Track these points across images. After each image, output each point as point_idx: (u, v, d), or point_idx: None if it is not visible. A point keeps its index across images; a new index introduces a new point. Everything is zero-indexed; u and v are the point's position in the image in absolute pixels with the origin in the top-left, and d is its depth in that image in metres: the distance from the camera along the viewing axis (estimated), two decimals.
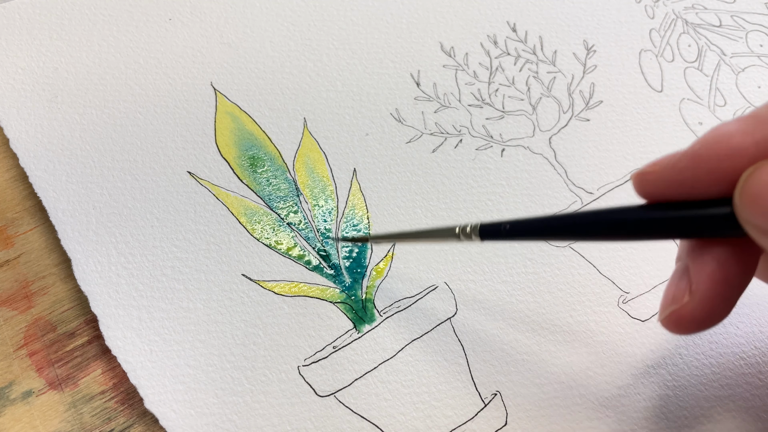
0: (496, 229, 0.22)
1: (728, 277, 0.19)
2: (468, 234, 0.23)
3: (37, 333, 0.27)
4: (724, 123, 0.18)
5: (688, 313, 0.20)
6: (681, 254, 0.21)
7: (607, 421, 0.25)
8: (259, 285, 0.28)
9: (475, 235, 0.22)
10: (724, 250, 0.19)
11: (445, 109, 0.33)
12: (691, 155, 0.18)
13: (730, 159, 0.17)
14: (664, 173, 0.19)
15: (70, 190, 0.29)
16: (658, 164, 0.19)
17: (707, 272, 0.19)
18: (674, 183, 0.19)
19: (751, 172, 0.17)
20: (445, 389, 0.26)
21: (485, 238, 0.22)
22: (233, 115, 0.32)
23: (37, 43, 0.34)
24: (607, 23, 0.37)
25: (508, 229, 0.21)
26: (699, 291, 0.19)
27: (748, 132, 0.17)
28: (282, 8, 0.36)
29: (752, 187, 0.17)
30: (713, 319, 0.20)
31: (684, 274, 0.20)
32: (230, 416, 0.25)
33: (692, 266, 0.20)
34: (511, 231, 0.21)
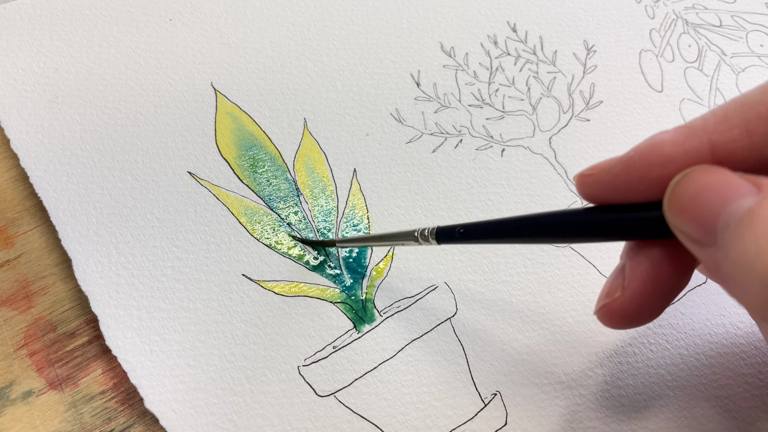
0: (450, 233, 0.23)
1: (660, 276, 0.20)
2: (426, 237, 0.24)
3: (37, 333, 0.27)
4: (661, 132, 0.19)
5: (618, 307, 0.20)
6: (622, 254, 0.22)
7: (607, 421, 0.25)
8: (259, 285, 0.28)
9: (432, 238, 0.24)
10: (659, 250, 0.20)
11: (445, 109, 0.33)
12: (625, 161, 0.19)
13: (660, 167, 0.18)
14: (600, 176, 0.20)
15: (70, 190, 0.29)
16: (596, 168, 0.20)
17: (640, 270, 0.20)
18: (610, 186, 0.20)
19: (678, 180, 0.18)
20: (445, 389, 0.26)
21: (441, 241, 0.24)
22: (233, 115, 0.32)
23: (37, 43, 0.34)
24: (607, 23, 0.37)
25: (461, 232, 0.23)
26: (630, 287, 0.20)
27: (679, 142, 0.18)
28: (282, 8, 0.36)
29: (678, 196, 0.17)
30: (643, 314, 0.21)
31: (621, 272, 0.21)
32: (230, 416, 0.25)
33: (628, 264, 0.21)
34: (464, 234, 0.23)
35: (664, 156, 0.18)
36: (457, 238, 0.23)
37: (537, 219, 0.21)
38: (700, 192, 0.17)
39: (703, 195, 0.17)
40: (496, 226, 0.22)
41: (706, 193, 0.17)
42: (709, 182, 0.17)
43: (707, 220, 0.17)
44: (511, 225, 0.22)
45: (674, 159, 0.18)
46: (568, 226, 0.21)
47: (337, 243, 0.28)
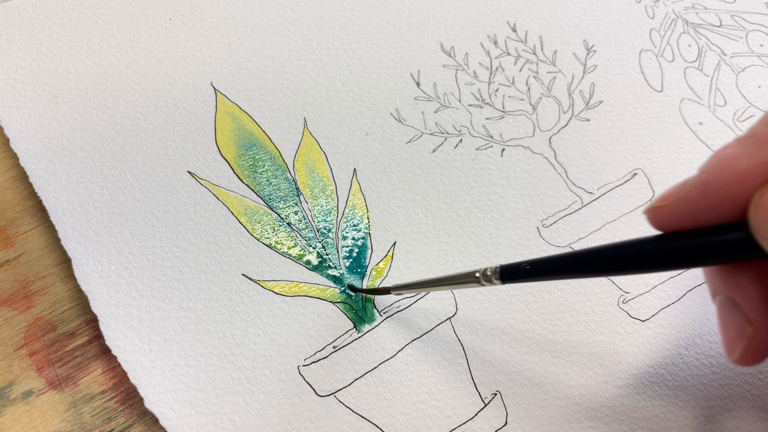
0: (515, 270, 0.22)
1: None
2: (488, 277, 0.22)
3: (37, 333, 0.27)
4: (725, 146, 0.19)
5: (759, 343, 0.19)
6: (716, 288, 0.21)
7: (607, 421, 0.25)
8: (259, 285, 0.28)
9: (496, 278, 0.22)
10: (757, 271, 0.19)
11: (445, 109, 0.33)
12: (701, 185, 0.18)
13: (739, 183, 0.18)
14: (677, 206, 0.19)
15: (70, 189, 0.29)
16: (669, 197, 0.19)
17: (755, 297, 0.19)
18: (688, 214, 0.19)
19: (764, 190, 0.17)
20: (445, 389, 0.26)
21: (506, 281, 0.22)
22: (233, 115, 0.32)
23: (37, 42, 0.34)
24: (607, 23, 0.37)
25: (527, 269, 0.21)
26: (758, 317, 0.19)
27: (753, 154, 0.18)
28: (282, 8, 0.36)
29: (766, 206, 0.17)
30: None
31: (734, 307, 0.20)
32: (230, 416, 0.25)
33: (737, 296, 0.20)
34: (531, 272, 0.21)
35: (740, 172, 0.18)
36: (522, 276, 0.21)
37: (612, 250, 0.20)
38: None
39: None
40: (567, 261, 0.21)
41: None
42: None
43: None
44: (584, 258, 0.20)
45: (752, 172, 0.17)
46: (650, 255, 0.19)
47: (392, 290, 0.26)
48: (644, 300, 0.28)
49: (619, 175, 0.31)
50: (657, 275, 0.29)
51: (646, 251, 0.19)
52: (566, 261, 0.21)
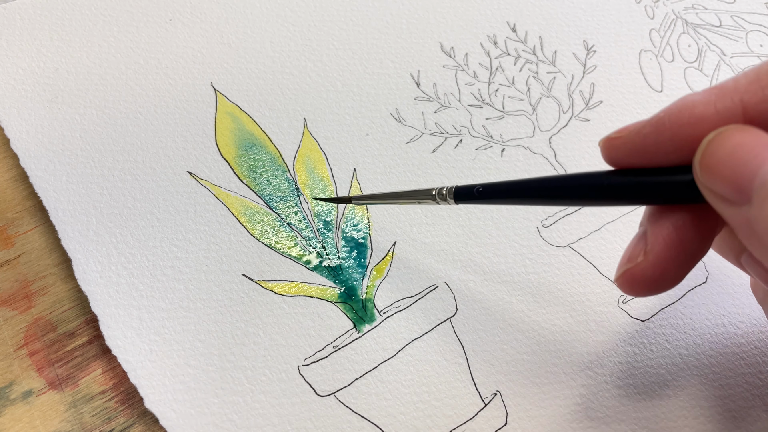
0: (469, 192, 0.23)
1: (683, 241, 0.20)
2: (444, 196, 0.24)
3: (37, 333, 0.27)
4: (690, 93, 0.19)
5: (640, 272, 0.20)
6: (643, 220, 0.22)
7: (607, 421, 0.25)
8: (259, 285, 0.28)
9: (450, 197, 0.24)
10: (682, 215, 0.20)
11: (445, 109, 0.33)
12: (655, 122, 0.19)
13: (691, 126, 0.18)
14: (629, 139, 0.19)
15: (70, 190, 0.29)
16: (624, 130, 0.20)
17: (663, 235, 0.20)
18: (638, 149, 0.19)
19: (711, 137, 0.17)
20: (445, 389, 0.26)
21: (459, 201, 0.24)
22: (233, 115, 0.32)
23: (37, 43, 0.34)
24: (607, 23, 0.37)
25: (480, 191, 0.23)
26: (652, 252, 0.20)
27: (711, 102, 0.18)
28: (282, 9, 0.36)
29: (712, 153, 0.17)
30: (665, 280, 0.20)
31: (642, 237, 0.21)
32: (230, 416, 0.25)
33: (650, 229, 0.20)
34: (483, 193, 0.23)
35: (695, 116, 0.18)
36: (475, 197, 0.23)
37: (558, 180, 0.21)
38: (735, 150, 0.17)
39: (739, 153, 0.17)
40: (515, 187, 0.22)
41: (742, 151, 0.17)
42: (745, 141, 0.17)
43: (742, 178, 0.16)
44: (532, 186, 0.22)
45: (706, 118, 0.18)
46: (591, 188, 0.20)
47: (352, 200, 0.28)
48: (644, 300, 0.28)
49: None
50: None
51: (591, 184, 0.20)
52: (516, 186, 0.22)
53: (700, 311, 0.28)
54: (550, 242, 0.29)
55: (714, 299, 0.28)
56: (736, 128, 0.17)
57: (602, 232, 0.30)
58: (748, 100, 0.18)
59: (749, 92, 0.18)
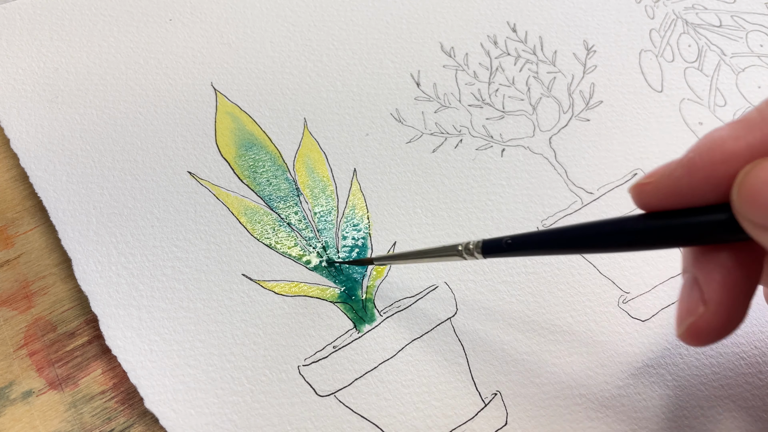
0: (497, 245, 0.22)
1: (737, 283, 0.19)
2: (470, 251, 0.23)
3: (37, 333, 0.27)
4: (715, 129, 0.19)
5: (706, 324, 0.20)
6: (686, 266, 0.21)
7: (607, 421, 0.25)
8: (259, 285, 0.28)
9: (478, 252, 0.23)
10: (729, 256, 0.19)
11: (445, 109, 0.33)
12: (687, 163, 0.19)
13: (724, 164, 0.18)
14: (661, 183, 0.19)
15: (70, 190, 0.29)
16: (655, 174, 0.19)
17: (717, 280, 0.19)
18: (672, 192, 0.19)
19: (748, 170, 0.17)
20: (445, 389, 0.26)
21: (488, 255, 0.23)
22: (233, 115, 0.32)
23: (37, 43, 0.34)
24: (607, 23, 0.37)
25: (509, 243, 0.22)
26: (713, 300, 0.19)
27: (740, 137, 0.18)
28: (282, 9, 0.36)
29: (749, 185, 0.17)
30: (730, 326, 0.20)
31: (694, 285, 0.20)
32: (230, 416, 0.25)
33: (700, 276, 0.20)
34: (512, 246, 0.22)
35: (726, 152, 0.18)
36: (504, 250, 0.22)
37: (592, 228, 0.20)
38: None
39: None
40: (548, 237, 0.21)
41: None
42: None
43: None
44: (565, 235, 0.21)
45: (737, 154, 0.18)
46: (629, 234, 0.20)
47: (375, 261, 0.27)
48: (644, 300, 0.28)
49: (619, 175, 0.31)
50: (658, 275, 0.29)
51: (627, 229, 0.20)
52: (548, 236, 0.21)
53: None
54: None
55: None
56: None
57: None
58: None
59: None
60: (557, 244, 0.21)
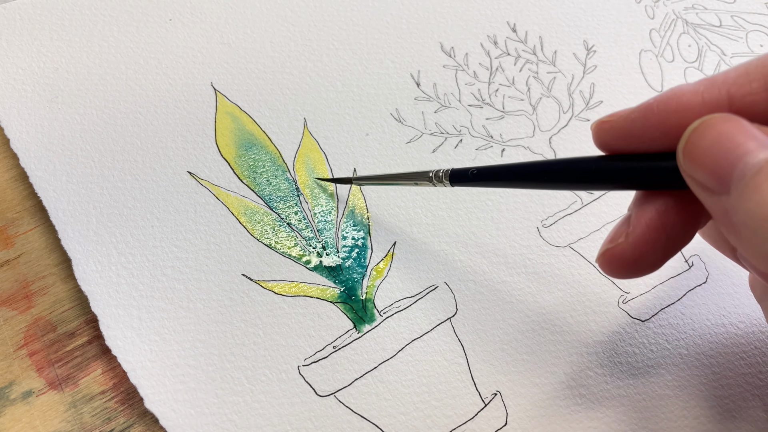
0: (463, 174, 0.24)
1: (664, 226, 0.20)
2: (440, 178, 0.25)
3: (37, 333, 0.27)
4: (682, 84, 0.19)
5: (620, 253, 0.20)
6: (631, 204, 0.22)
7: (607, 421, 0.25)
8: (259, 285, 0.28)
9: (446, 179, 0.25)
10: (666, 201, 0.20)
11: (445, 109, 0.33)
12: (644, 108, 0.19)
13: (678, 114, 0.18)
14: (617, 123, 0.20)
15: (70, 190, 0.29)
16: (615, 115, 0.20)
17: (645, 218, 0.20)
18: (627, 134, 0.20)
19: (695, 126, 0.18)
20: (445, 389, 0.26)
21: (455, 183, 0.24)
22: (233, 115, 0.32)
23: (37, 43, 0.34)
24: (607, 23, 0.37)
25: (474, 173, 0.24)
26: (633, 234, 0.20)
27: (698, 91, 0.18)
28: (282, 9, 0.36)
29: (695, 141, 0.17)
30: (643, 263, 0.20)
31: (626, 220, 0.21)
32: (230, 416, 0.25)
33: (634, 213, 0.21)
34: (477, 176, 0.23)
35: (682, 104, 0.18)
36: (470, 180, 0.24)
37: (549, 164, 0.22)
38: (717, 139, 0.17)
39: (721, 142, 0.17)
40: (508, 170, 0.23)
41: (724, 140, 0.17)
42: (727, 130, 0.17)
43: (723, 167, 0.17)
44: (524, 169, 0.22)
45: (692, 107, 0.18)
46: (580, 172, 0.21)
47: (353, 180, 0.29)
48: (644, 300, 0.28)
49: None
50: (658, 275, 0.29)
51: (580, 168, 0.21)
52: (511, 169, 0.23)
53: (700, 311, 0.28)
54: (550, 242, 0.29)
55: (714, 299, 0.28)
56: (720, 117, 0.17)
57: (602, 232, 0.30)
58: (735, 92, 0.18)
59: (737, 84, 0.18)
60: (517, 177, 0.22)
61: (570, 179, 0.21)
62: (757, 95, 0.18)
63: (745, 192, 0.16)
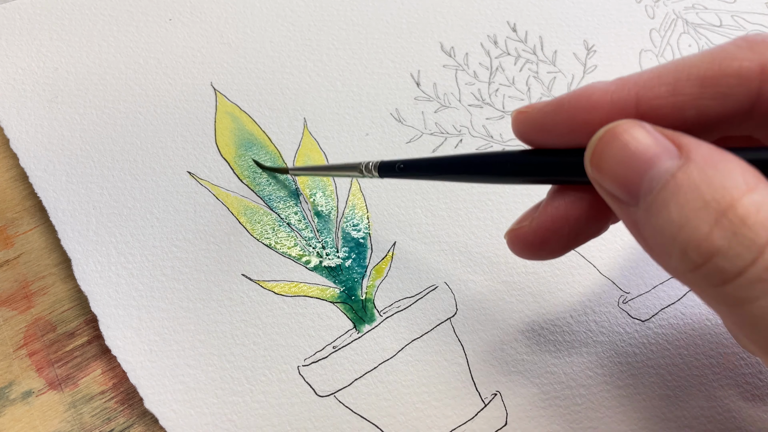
0: (391, 167, 0.24)
1: (568, 218, 0.20)
2: (369, 170, 0.25)
3: (37, 333, 0.27)
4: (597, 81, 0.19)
5: (522, 235, 0.21)
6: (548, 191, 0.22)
7: (607, 421, 0.25)
8: (259, 285, 0.28)
9: (375, 171, 0.25)
10: (576, 194, 0.20)
11: (445, 109, 0.33)
12: (556, 103, 0.19)
13: (586, 112, 0.18)
14: (531, 115, 0.20)
15: (70, 190, 0.29)
16: (531, 106, 0.20)
17: (552, 207, 0.20)
18: (539, 126, 0.20)
19: (601, 134, 0.18)
20: (445, 389, 0.26)
21: (383, 175, 0.25)
22: (233, 115, 0.32)
23: (37, 43, 0.34)
24: (607, 23, 0.37)
25: (401, 167, 0.24)
26: (537, 219, 0.21)
27: (608, 91, 0.18)
28: (282, 8, 0.36)
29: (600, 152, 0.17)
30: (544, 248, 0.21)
31: (538, 206, 0.21)
32: (230, 416, 0.25)
33: (545, 201, 0.21)
34: (404, 170, 0.24)
35: (591, 102, 0.18)
36: (396, 173, 0.24)
37: (472, 158, 0.22)
38: (623, 149, 0.17)
39: (626, 153, 0.17)
40: (433, 163, 0.23)
41: (630, 151, 0.17)
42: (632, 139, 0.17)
43: (630, 179, 0.17)
44: (447, 162, 0.23)
45: (600, 106, 0.18)
46: (500, 165, 0.21)
47: (290, 171, 0.29)
48: (644, 300, 0.28)
49: None
50: (658, 275, 0.29)
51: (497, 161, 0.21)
52: (435, 163, 0.23)
53: (700, 311, 0.28)
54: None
55: None
56: (625, 125, 0.17)
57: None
58: (643, 94, 0.18)
59: (646, 87, 0.18)
60: (441, 170, 0.23)
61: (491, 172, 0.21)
62: (663, 99, 0.18)
63: (653, 207, 0.16)
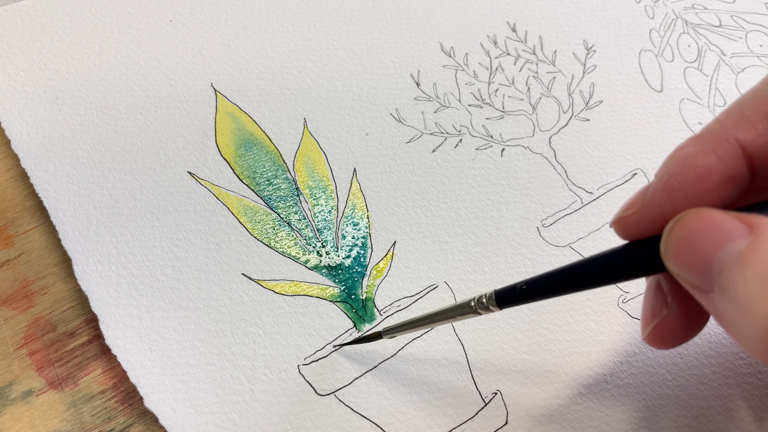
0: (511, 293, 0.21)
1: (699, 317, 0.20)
2: (484, 305, 0.22)
3: (37, 332, 0.27)
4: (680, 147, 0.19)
5: (669, 326, 0.20)
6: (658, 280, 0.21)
7: (607, 421, 0.25)
8: (259, 284, 0.28)
9: (493, 305, 0.22)
10: None
11: (445, 109, 0.33)
12: (665, 187, 0.18)
13: (700, 180, 0.18)
14: (644, 212, 0.19)
15: (70, 190, 0.30)
16: (634, 204, 0.19)
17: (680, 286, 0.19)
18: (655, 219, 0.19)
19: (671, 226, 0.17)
20: (445, 388, 0.26)
21: (504, 306, 0.22)
22: (233, 115, 0.32)
23: (38, 45, 0.34)
24: (607, 23, 0.37)
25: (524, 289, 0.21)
26: (675, 302, 0.20)
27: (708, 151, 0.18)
28: (282, 9, 0.36)
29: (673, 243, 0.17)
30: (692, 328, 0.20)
31: (657, 290, 0.20)
32: (230, 415, 0.25)
33: (664, 280, 0.20)
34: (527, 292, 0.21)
35: (699, 169, 0.18)
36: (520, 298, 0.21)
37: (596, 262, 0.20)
38: (693, 238, 0.17)
39: (697, 241, 0.16)
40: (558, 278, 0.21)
41: (699, 238, 0.16)
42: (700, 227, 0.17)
43: (703, 266, 0.16)
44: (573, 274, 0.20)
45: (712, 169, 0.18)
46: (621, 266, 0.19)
47: (383, 334, 0.25)
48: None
49: (618, 175, 0.31)
50: None
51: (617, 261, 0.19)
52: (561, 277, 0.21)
53: None
54: (550, 242, 0.29)
55: None
56: (693, 213, 0.17)
57: (602, 232, 0.30)
58: (743, 138, 0.18)
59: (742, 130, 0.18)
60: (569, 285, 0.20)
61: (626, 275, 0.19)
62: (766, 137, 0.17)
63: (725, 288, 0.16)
